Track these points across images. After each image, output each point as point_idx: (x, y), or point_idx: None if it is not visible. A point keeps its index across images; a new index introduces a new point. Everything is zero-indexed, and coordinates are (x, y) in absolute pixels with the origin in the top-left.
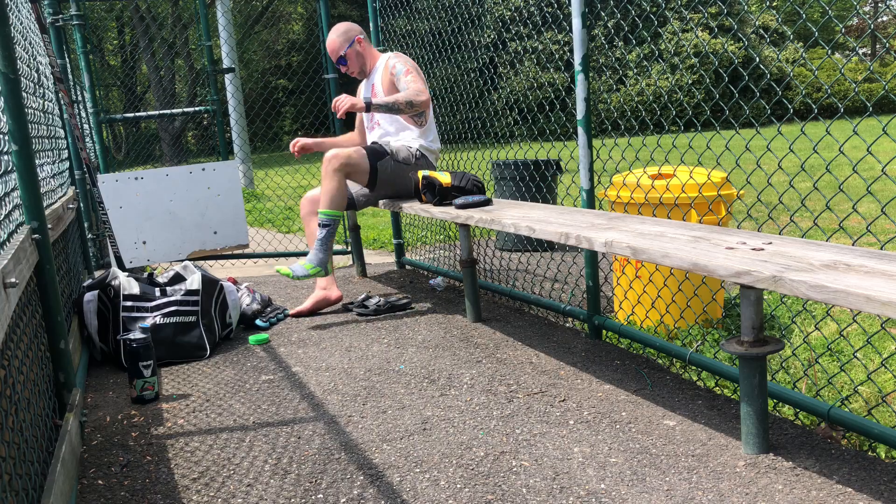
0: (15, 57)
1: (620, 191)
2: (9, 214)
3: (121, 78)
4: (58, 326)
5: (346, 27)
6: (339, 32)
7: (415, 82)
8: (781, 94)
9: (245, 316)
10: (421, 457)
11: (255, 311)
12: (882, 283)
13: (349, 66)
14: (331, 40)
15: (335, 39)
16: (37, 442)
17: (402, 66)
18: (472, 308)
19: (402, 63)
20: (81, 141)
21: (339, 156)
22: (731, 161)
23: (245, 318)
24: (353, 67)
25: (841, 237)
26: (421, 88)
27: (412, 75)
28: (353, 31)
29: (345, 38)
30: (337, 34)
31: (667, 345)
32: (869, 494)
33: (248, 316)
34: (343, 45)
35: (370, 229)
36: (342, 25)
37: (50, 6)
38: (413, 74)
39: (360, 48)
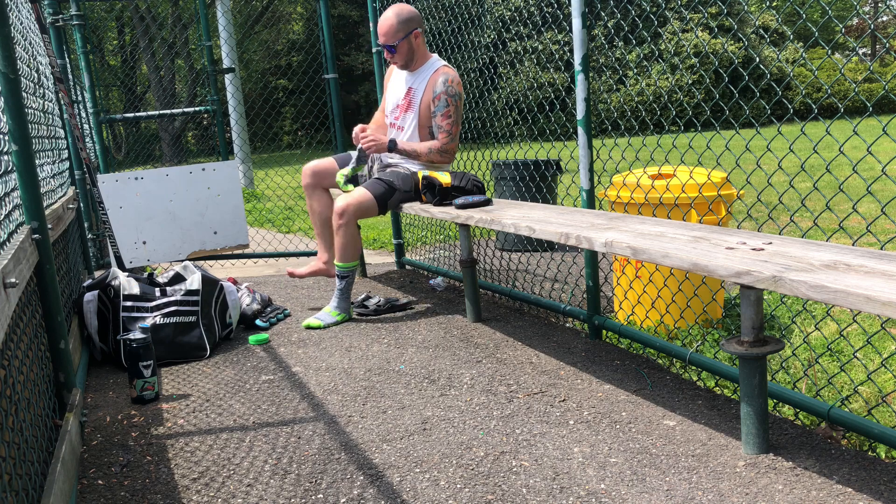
0: (15, 57)
1: (620, 191)
2: (9, 214)
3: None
4: (58, 326)
5: (408, 14)
6: (400, 17)
7: (443, 133)
8: (781, 94)
9: (245, 316)
10: (421, 457)
11: (255, 311)
12: (882, 283)
13: (396, 56)
14: (388, 23)
15: (393, 24)
16: (37, 442)
17: (444, 104)
18: (472, 308)
19: (447, 98)
20: (81, 141)
21: (349, 210)
22: (731, 161)
23: (245, 318)
24: (399, 60)
25: (841, 237)
26: (446, 146)
27: (448, 121)
28: (414, 23)
29: (403, 28)
30: (397, 19)
31: (667, 345)
32: (869, 494)
33: (248, 316)
34: (399, 34)
35: (370, 229)
36: (405, 10)
37: (50, 6)
38: (450, 120)
39: (415, 43)
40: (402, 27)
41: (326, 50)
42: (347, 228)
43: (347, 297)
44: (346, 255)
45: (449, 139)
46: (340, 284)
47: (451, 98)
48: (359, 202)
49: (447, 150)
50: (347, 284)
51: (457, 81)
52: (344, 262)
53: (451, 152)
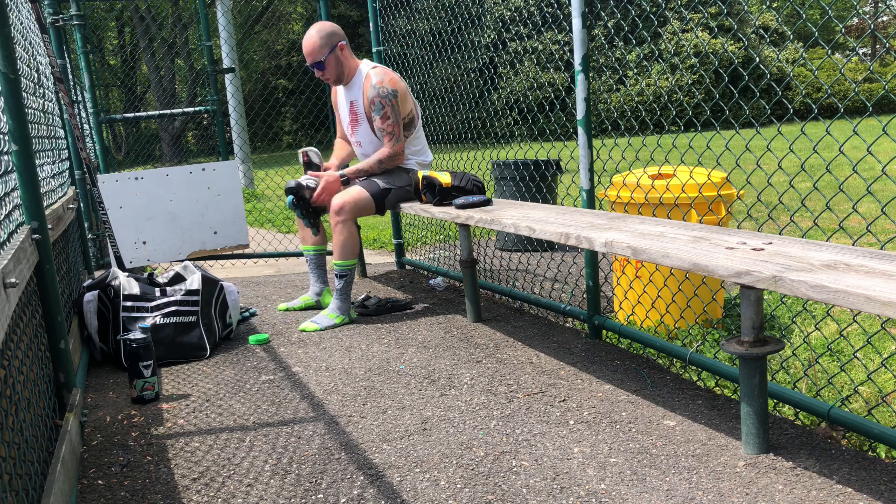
0: (15, 57)
1: (620, 191)
2: (9, 214)
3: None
4: (58, 326)
5: (329, 29)
6: (322, 34)
7: (386, 136)
8: (781, 94)
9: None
10: (421, 457)
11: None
12: (882, 283)
13: (326, 73)
14: (311, 41)
15: (316, 42)
16: (37, 442)
17: (380, 107)
18: (472, 308)
19: (380, 99)
20: (81, 141)
21: (345, 208)
22: (731, 161)
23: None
24: (330, 75)
25: (841, 237)
26: (393, 150)
27: (388, 122)
28: (337, 37)
29: (327, 42)
30: (319, 35)
31: (667, 345)
32: (869, 494)
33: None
34: (324, 51)
35: (370, 229)
36: (325, 27)
37: (50, 6)
38: (389, 121)
39: (341, 56)
40: (325, 42)
41: None
42: (345, 226)
43: (347, 298)
44: (345, 253)
45: (393, 141)
46: (339, 284)
47: (385, 99)
48: (355, 200)
49: (395, 153)
50: (346, 284)
51: (388, 79)
52: (343, 261)
53: (399, 153)
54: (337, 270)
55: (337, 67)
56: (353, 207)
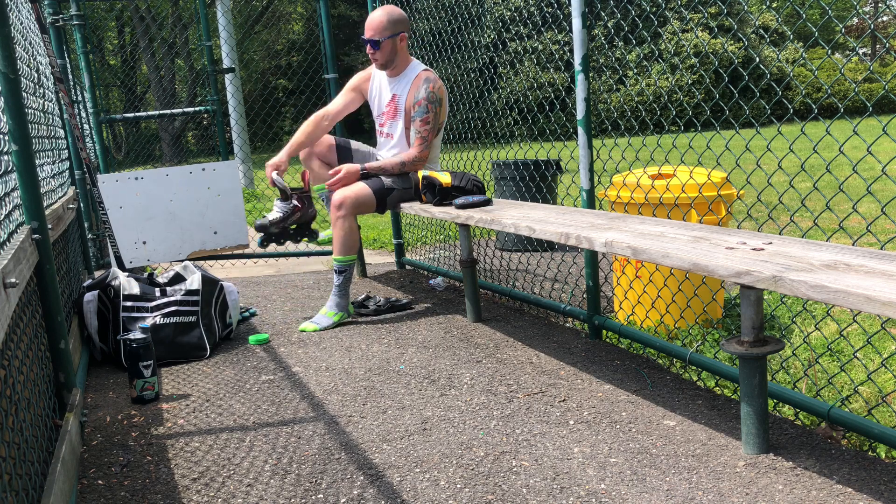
0: (15, 57)
1: (620, 191)
2: (9, 214)
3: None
4: (58, 326)
5: (398, 16)
6: (390, 17)
7: (419, 139)
8: (781, 94)
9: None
10: (421, 457)
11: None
12: (882, 283)
13: (378, 54)
14: (377, 19)
15: (383, 21)
16: (37, 442)
17: (424, 111)
18: (472, 308)
19: (427, 104)
20: (81, 141)
21: (346, 203)
22: (731, 161)
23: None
24: (380, 58)
25: (841, 237)
26: (417, 156)
27: (427, 127)
28: (402, 26)
29: (391, 27)
30: (388, 17)
31: (667, 345)
32: (869, 494)
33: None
34: (386, 32)
35: (370, 229)
36: (395, 12)
37: (50, 6)
38: (426, 128)
39: (399, 45)
40: (390, 26)
41: (326, 50)
42: (345, 221)
43: (346, 295)
44: (344, 248)
45: (424, 146)
46: (338, 280)
47: (432, 104)
48: (356, 196)
49: (420, 158)
50: (345, 280)
51: (439, 86)
52: (342, 256)
53: (423, 159)
54: (336, 266)
55: (390, 54)
56: (354, 203)
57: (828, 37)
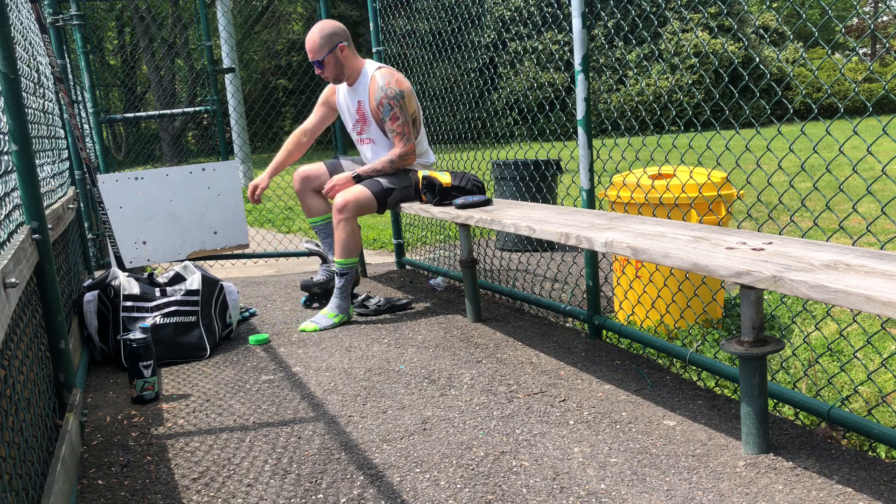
0: (15, 57)
1: (620, 191)
2: (9, 214)
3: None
4: (58, 326)
5: (331, 29)
6: (322, 34)
7: (397, 137)
8: (781, 94)
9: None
10: (421, 457)
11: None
12: (882, 283)
13: (325, 71)
14: (311, 39)
15: (316, 40)
16: (37, 442)
17: (388, 108)
18: (472, 308)
19: (388, 101)
20: (81, 141)
21: (348, 206)
22: (731, 161)
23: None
24: (329, 74)
25: (841, 237)
26: (405, 150)
27: (397, 123)
28: (338, 37)
29: (327, 42)
30: (320, 35)
31: (667, 345)
32: (869, 494)
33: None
34: (323, 50)
35: (370, 229)
36: (328, 26)
37: (50, 6)
38: (398, 122)
39: (341, 56)
40: (325, 42)
41: None
42: (347, 224)
43: (347, 297)
44: (346, 251)
45: (404, 141)
46: (340, 282)
47: (393, 100)
48: (357, 198)
49: (406, 152)
50: (347, 283)
51: (395, 80)
52: (344, 258)
53: (410, 153)
54: (338, 269)
55: (336, 67)
56: (356, 205)
57: (828, 37)
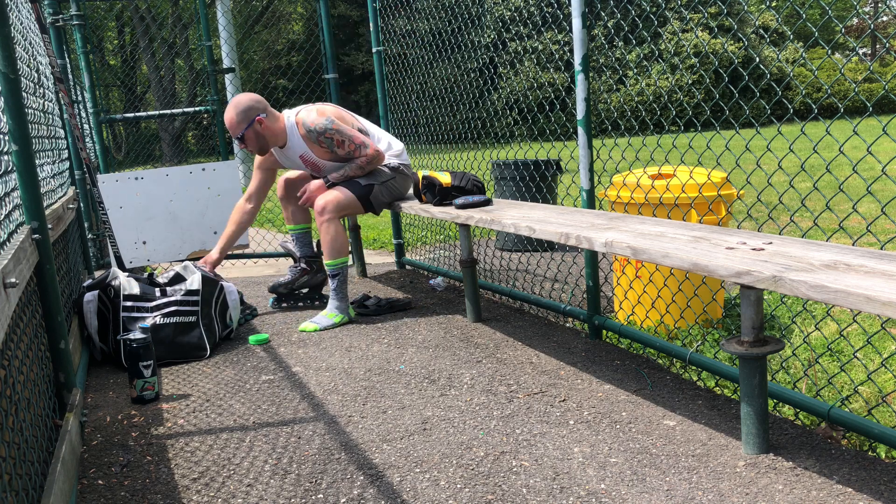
0: (15, 57)
1: (620, 191)
2: (9, 214)
3: (121, 78)
4: (58, 326)
5: (246, 104)
6: (238, 110)
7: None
8: (781, 94)
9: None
10: (421, 457)
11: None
12: (882, 283)
13: (247, 145)
14: (228, 117)
15: (233, 117)
16: (37, 442)
17: (330, 141)
18: (472, 308)
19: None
20: (81, 141)
21: (328, 207)
22: (731, 161)
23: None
24: (252, 147)
25: (841, 237)
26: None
27: (349, 142)
28: (255, 111)
29: (244, 118)
30: (236, 111)
31: (667, 345)
32: (869, 494)
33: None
34: (241, 126)
35: (370, 229)
36: (243, 100)
37: (50, 6)
38: (347, 141)
39: (260, 129)
40: (242, 118)
41: (326, 50)
42: (330, 225)
43: (344, 296)
44: (334, 252)
45: (364, 150)
46: (333, 283)
47: (327, 132)
48: (337, 199)
49: (372, 156)
50: (341, 282)
51: (314, 116)
52: (332, 260)
53: (377, 154)
54: (329, 270)
55: (258, 140)
56: (336, 206)
57: (828, 37)
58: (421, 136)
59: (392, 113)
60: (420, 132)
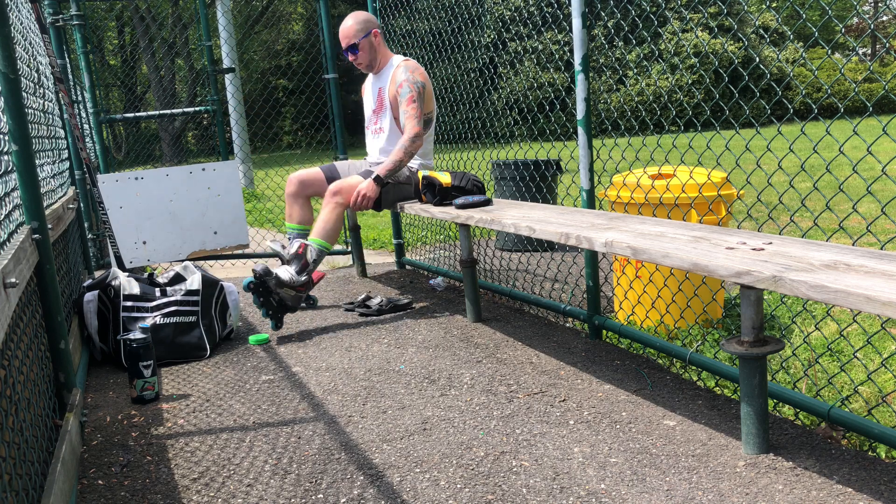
0: (15, 57)
1: (620, 191)
2: (9, 214)
3: (121, 78)
4: (58, 326)
5: (366, 16)
6: (357, 20)
7: (410, 119)
8: (781, 94)
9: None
10: (421, 457)
11: None
12: (882, 283)
13: (359, 56)
14: (347, 26)
15: (352, 26)
16: (37, 442)
17: (407, 90)
18: (472, 308)
19: (409, 84)
20: (81, 141)
21: (341, 192)
22: (731, 161)
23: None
24: (363, 59)
25: (841, 237)
26: (413, 132)
27: (412, 106)
28: (372, 24)
29: (362, 28)
30: (355, 21)
31: (667, 345)
32: (869, 494)
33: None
34: (359, 34)
35: (370, 229)
36: (362, 14)
37: (50, 6)
38: (413, 105)
39: (374, 41)
40: (361, 27)
41: (326, 50)
42: (338, 208)
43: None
44: (327, 234)
45: (416, 122)
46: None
47: (414, 84)
48: (352, 186)
49: (416, 135)
50: (314, 262)
51: (419, 71)
52: (322, 239)
53: (420, 136)
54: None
55: (370, 52)
56: (350, 192)
57: (828, 37)
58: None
59: None
60: None
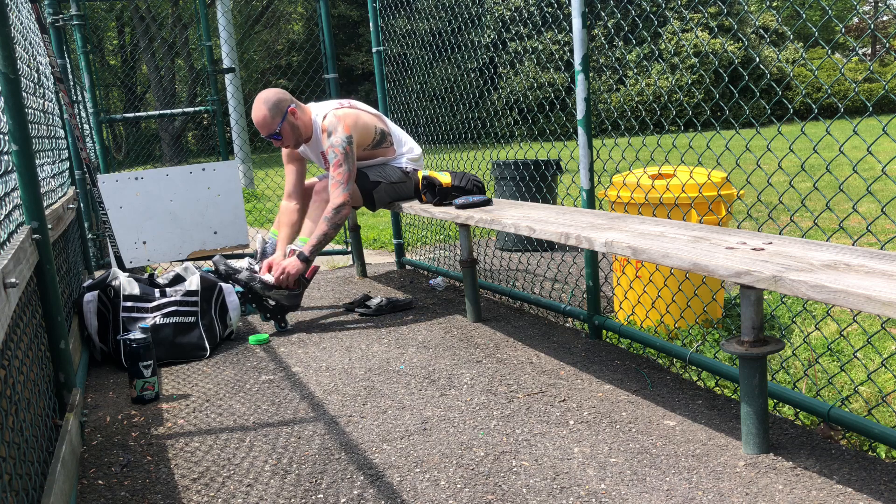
0: (15, 57)
1: (620, 191)
2: (9, 214)
3: (121, 78)
4: (58, 326)
5: (276, 98)
6: (269, 105)
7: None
8: (781, 94)
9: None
10: (421, 457)
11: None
12: (882, 283)
13: (284, 140)
14: (260, 116)
15: (265, 115)
16: (37, 442)
17: (333, 156)
18: (472, 308)
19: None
20: (81, 141)
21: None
22: (731, 161)
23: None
24: (289, 142)
25: (841, 237)
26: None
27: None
28: (285, 103)
29: (276, 112)
30: (266, 107)
31: (667, 345)
32: (869, 494)
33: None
34: (276, 120)
35: (370, 229)
36: (270, 96)
37: (50, 6)
38: (339, 171)
39: (293, 119)
40: (274, 112)
41: (326, 50)
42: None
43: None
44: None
45: (340, 189)
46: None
47: (338, 147)
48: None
49: (341, 204)
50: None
51: (341, 125)
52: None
53: (345, 203)
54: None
55: (294, 132)
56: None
57: (828, 37)
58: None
59: (392, 113)
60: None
